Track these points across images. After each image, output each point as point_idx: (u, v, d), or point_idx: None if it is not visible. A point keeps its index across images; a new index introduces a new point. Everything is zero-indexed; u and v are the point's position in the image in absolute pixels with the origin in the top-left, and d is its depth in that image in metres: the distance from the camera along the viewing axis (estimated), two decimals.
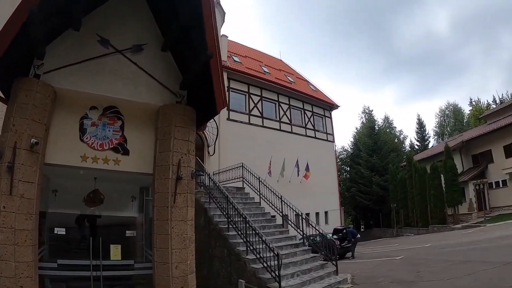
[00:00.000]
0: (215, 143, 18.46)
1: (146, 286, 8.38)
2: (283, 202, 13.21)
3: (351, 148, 53.89)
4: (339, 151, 54.90)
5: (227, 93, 21.92)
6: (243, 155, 18.56)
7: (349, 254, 18.81)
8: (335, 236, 19.42)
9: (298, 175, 24.16)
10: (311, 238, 12.15)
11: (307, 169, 24.57)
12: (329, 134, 30.35)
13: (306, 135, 27.75)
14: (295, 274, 9.77)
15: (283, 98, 26.54)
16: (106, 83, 7.88)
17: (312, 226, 11.95)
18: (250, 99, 24.12)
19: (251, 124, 23.71)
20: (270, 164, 21.94)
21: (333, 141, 30.89)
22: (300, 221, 12.56)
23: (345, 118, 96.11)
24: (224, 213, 11.12)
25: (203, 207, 12.15)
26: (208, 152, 18.52)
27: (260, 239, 9.20)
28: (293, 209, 12.79)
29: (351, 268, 13.20)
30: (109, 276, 8.82)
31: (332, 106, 31.22)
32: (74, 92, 7.61)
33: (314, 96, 29.56)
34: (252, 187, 15.02)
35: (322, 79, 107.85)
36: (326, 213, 27.92)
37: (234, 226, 10.49)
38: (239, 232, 10.19)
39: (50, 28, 6.96)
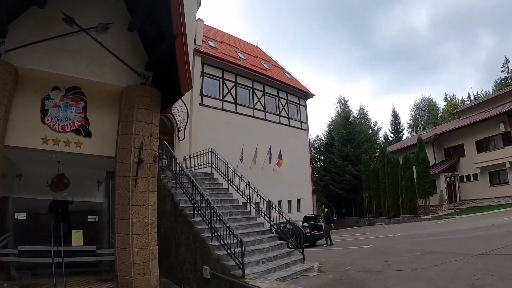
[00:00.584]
0: (185, 128, 18.16)
1: (112, 273, 8.24)
2: (250, 189, 13.07)
3: (325, 137, 54.16)
4: (313, 140, 55.42)
5: (200, 78, 21.73)
6: (215, 141, 18.40)
7: (321, 241, 18.84)
8: (305, 224, 19.58)
9: (270, 162, 24.19)
10: (282, 225, 12.00)
11: (279, 156, 24.55)
12: (303, 122, 30.45)
13: (280, 123, 27.75)
14: (260, 261, 9.69)
15: (258, 85, 26.42)
16: (69, 62, 7.65)
17: (279, 213, 11.84)
18: (224, 85, 23.92)
19: (225, 110, 23.56)
20: (242, 151, 21.89)
21: (307, 130, 31.01)
22: (268, 208, 12.45)
23: (320, 107, 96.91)
24: (190, 198, 10.92)
25: (169, 192, 11.98)
26: (178, 137, 18.22)
27: (224, 225, 9.07)
28: (260, 196, 12.70)
29: (320, 256, 13.24)
30: (72, 262, 8.65)
31: (307, 94, 31.28)
32: (36, 72, 7.40)
33: (289, 84, 29.53)
34: (220, 173, 14.83)
35: (299, 68, 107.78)
36: (298, 201, 28.11)
37: (200, 212, 10.31)
38: (204, 218, 10.02)
39: (12, 4, 6.70)
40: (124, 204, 7.63)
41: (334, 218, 39.96)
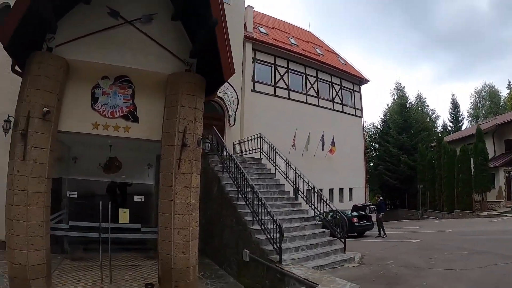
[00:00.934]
0: (235, 114, 18.43)
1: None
2: (296, 175, 13.09)
3: (380, 125, 52.47)
4: (368, 127, 54.07)
5: (252, 65, 21.88)
6: (267, 127, 18.54)
7: (369, 232, 18.41)
8: (354, 213, 19.23)
9: (323, 149, 23.87)
10: (330, 214, 11.89)
11: (332, 143, 24.25)
12: (358, 109, 29.68)
13: (333, 109, 27.18)
14: (299, 248, 9.75)
15: (311, 70, 26.00)
16: (116, 53, 8.06)
17: (323, 200, 11.80)
18: (276, 71, 23.83)
19: (277, 96, 23.52)
20: (294, 137, 21.78)
21: (362, 117, 30.18)
22: (316, 195, 12.38)
23: (375, 94, 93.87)
24: (235, 182, 11.19)
25: (216, 176, 12.32)
26: (229, 123, 18.55)
27: (265, 210, 9.19)
28: (306, 182, 12.68)
29: (365, 247, 13.03)
30: (120, 239, 9.38)
31: (361, 80, 30.38)
32: (86, 63, 7.90)
33: (343, 69, 28.78)
34: (268, 158, 14.99)
35: (353, 54, 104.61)
36: (350, 189, 27.68)
37: (243, 196, 10.54)
38: (247, 202, 10.22)
39: (59, 3, 7.23)
40: (167, 186, 7.96)
41: (387, 209, 39.02)
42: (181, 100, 8.11)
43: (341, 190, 26.71)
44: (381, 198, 19.31)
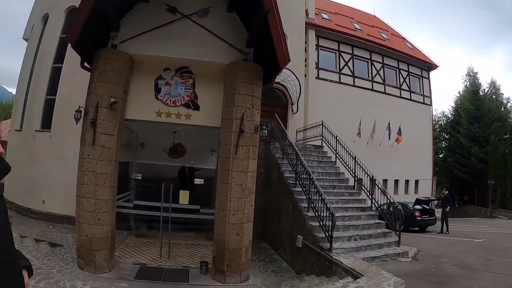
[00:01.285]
0: (297, 101, 18.52)
1: None
2: (356, 163, 12.96)
3: (451, 114, 49.30)
4: (438, 116, 51.37)
5: (315, 52, 21.83)
6: (331, 114, 18.57)
7: (432, 228, 17.73)
8: (417, 207, 18.65)
9: (389, 138, 23.28)
10: (389, 205, 11.48)
11: (399, 133, 23.57)
12: (426, 96, 28.42)
13: (400, 97, 26.26)
14: (352, 237, 9.70)
15: (376, 56, 25.32)
16: (176, 46, 8.64)
17: (381, 190, 11.59)
18: (341, 57, 23.55)
19: (342, 83, 23.28)
20: (359, 125, 21.54)
21: (430, 105, 28.89)
22: (372, 185, 12.11)
23: (446, 81, 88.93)
24: (293, 169, 11.32)
25: (276, 163, 12.57)
26: (292, 110, 18.71)
27: (319, 197, 9.24)
28: (365, 171, 12.51)
29: (423, 242, 12.67)
30: (181, 218, 10.30)
31: (430, 66, 28.97)
32: (148, 57, 8.64)
33: (410, 54, 27.61)
34: (330, 146, 14.97)
35: (421, 38, 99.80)
36: (416, 181, 26.80)
37: (301, 182, 10.65)
38: (304, 189, 10.30)
39: (120, 3, 8.08)
40: (225, 170, 8.35)
41: (455, 205, 37.06)
42: (238, 88, 8.43)
43: (406, 181, 26.00)
44: (447, 192, 18.54)
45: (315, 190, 9.52)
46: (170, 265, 8.87)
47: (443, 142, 49.83)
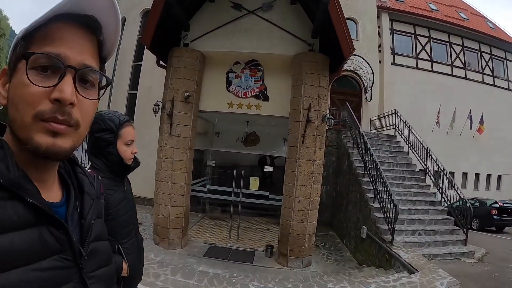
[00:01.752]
0: (371, 89, 18.21)
1: None
2: (427, 154, 12.54)
3: None
4: None
5: (390, 37, 21.14)
6: (408, 102, 18.14)
7: (509, 229, 16.27)
8: (495, 205, 17.03)
9: (471, 128, 21.31)
10: (463, 200, 10.56)
11: (481, 122, 21.42)
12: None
13: (482, 82, 23.81)
14: (416, 232, 9.48)
15: (455, 38, 23.36)
16: (243, 41, 9.14)
17: (452, 186, 10.98)
18: (417, 41, 22.29)
19: (419, 68, 21.95)
20: (438, 114, 20.20)
21: None
22: (442, 177, 11.49)
23: None
24: (362, 158, 11.32)
25: (347, 152, 12.63)
26: (366, 98, 18.46)
27: (385, 188, 9.17)
28: (436, 163, 11.99)
29: (494, 244, 11.79)
30: (251, 203, 11.10)
31: None
32: (218, 52, 9.30)
33: (493, 35, 24.84)
34: (402, 135, 14.64)
35: (504, 15, 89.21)
36: (499, 176, 24.08)
37: (368, 172, 10.63)
38: (371, 179, 10.29)
39: (188, 5, 8.80)
40: (292, 158, 8.69)
41: None
42: (305, 79, 8.67)
43: (488, 176, 23.58)
44: None
45: (382, 181, 9.50)
46: (238, 246, 9.49)
47: None
